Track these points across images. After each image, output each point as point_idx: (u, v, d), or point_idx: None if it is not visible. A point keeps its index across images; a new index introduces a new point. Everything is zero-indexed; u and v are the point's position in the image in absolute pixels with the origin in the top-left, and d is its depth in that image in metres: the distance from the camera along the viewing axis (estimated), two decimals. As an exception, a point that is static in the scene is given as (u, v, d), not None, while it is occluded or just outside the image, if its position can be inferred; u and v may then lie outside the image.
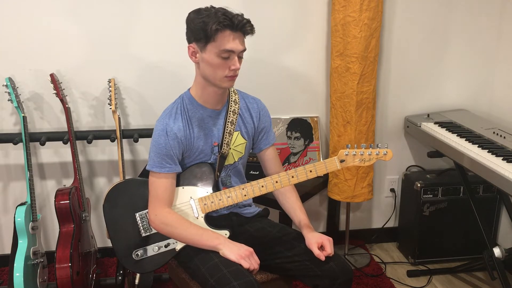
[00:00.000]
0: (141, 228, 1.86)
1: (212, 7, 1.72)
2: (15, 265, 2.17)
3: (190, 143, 1.82)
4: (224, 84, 1.76)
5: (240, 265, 1.67)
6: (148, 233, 1.86)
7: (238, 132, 1.90)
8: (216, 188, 1.86)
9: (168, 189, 1.79)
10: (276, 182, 1.81)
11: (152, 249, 1.85)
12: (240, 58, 1.75)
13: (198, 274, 1.74)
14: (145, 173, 1.86)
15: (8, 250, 2.32)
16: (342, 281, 1.74)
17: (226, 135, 1.86)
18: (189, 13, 1.75)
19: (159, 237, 1.85)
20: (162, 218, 1.77)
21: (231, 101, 1.89)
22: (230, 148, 1.88)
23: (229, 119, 1.87)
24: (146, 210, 1.84)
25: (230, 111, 1.88)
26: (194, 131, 1.82)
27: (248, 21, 1.70)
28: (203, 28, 1.67)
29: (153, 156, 1.78)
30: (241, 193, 1.81)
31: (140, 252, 1.85)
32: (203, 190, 1.84)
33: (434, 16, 2.75)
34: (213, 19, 1.65)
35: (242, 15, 1.70)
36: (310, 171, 1.79)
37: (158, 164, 1.77)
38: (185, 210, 1.83)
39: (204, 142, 1.84)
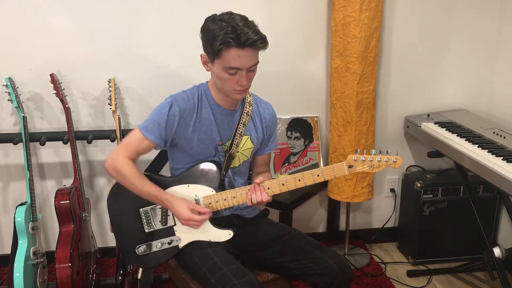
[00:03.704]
0: (145, 223, 1.86)
1: (228, 16, 1.65)
2: (15, 265, 2.17)
3: (186, 127, 1.80)
4: (234, 96, 1.76)
5: (241, 263, 1.70)
6: (151, 229, 1.86)
7: (248, 136, 1.90)
8: (221, 188, 1.86)
9: (140, 150, 1.80)
10: (283, 185, 1.78)
11: (155, 245, 1.86)
12: (251, 71, 1.71)
13: (198, 273, 1.74)
14: (151, 168, 1.86)
15: (8, 250, 2.32)
16: (341, 280, 1.75)
17: (237, 136, 1.86)
18: (205, 20, 1.71)
19: (163, 233, 1.86)
20: (117, 166, 1.77)
21: (246, 102, 1.89)
22: (237, 151, 1.88)
23: (242, 120, 1.87)
24: (150, 206, 1.85)
25: (244, 112, 1.87)
26: (199, 122, 1.81)
27: (260, 38, 1.64)
28: (211, 43, 1.65)
29: (149, 119, 1.79)
30: (246, 194, 1.80)
31: (143, 247, 1.86)
32: (208, 189, 1.84)
33: (434, 16, 2.75)
34: (220, 36, 1.61)
35: (253, 30, 1.63)
36: (318, 175, 1.76)
37: (149, 128, 1.78)
38: None
39: (208, 137, 1.83)
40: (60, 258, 2.19)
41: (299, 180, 1.77)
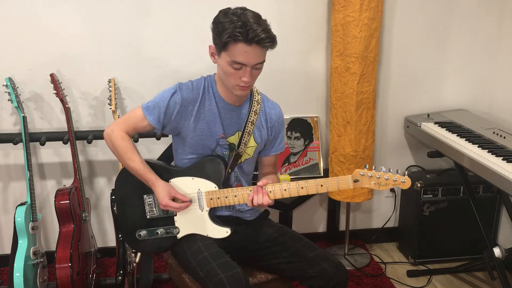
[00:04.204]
0: (147, 210, 1.87)
1: (241, 11, 1.66)
2: (15, 265, 2.17)
3: (188, 116, 1.80)
4: (236, 91, 1.75)
5: (229, 257, 1.73)
6: (153, 216, 1.87)
7: (251, 134, 1.89)
8: (225, 185, 1.86)
9: (138, 128, 1.83)
10: (285, 190, 1.77)
11: (155, 232, 1.87)
12: (256, 69, 1.71)
13: (189, 266, 1.77)
14: (163, 157, 1.86)
15: (8, 250, 2.32)
16: (336, 282, 1.75)
17: (245, 135, 1.86)
18: (219, 12, 1.70)
19: (163, 222, 1.87)
20: (114, 138, 1.81)
21: (254, 100, 1.88)
22: (244, 150, 1.88)
23: (250, 119, 1.86)
24: (154, 194, 1.85)
25: (252, 111, 1.87)
26: (203, 113, 1.80)
27: (268, 37, 1.64)
28: (219, 35, 1.65)
29: (152, 100, 1.81)
30: (248, 194, 1.79)
31: (143, 232, 1.87)
32: (212, 184, 1.84)
33: (434, 16, 2.75)
34: (229, 29, 1.61)
35: (263, 28, 1.63)
36: (321, 186, 1.75)
37: (150, 109, 1.80)
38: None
39: (210, 129, 1.82)
40: (60, 258, 2.19)
41: (302, 188, 1.76)
